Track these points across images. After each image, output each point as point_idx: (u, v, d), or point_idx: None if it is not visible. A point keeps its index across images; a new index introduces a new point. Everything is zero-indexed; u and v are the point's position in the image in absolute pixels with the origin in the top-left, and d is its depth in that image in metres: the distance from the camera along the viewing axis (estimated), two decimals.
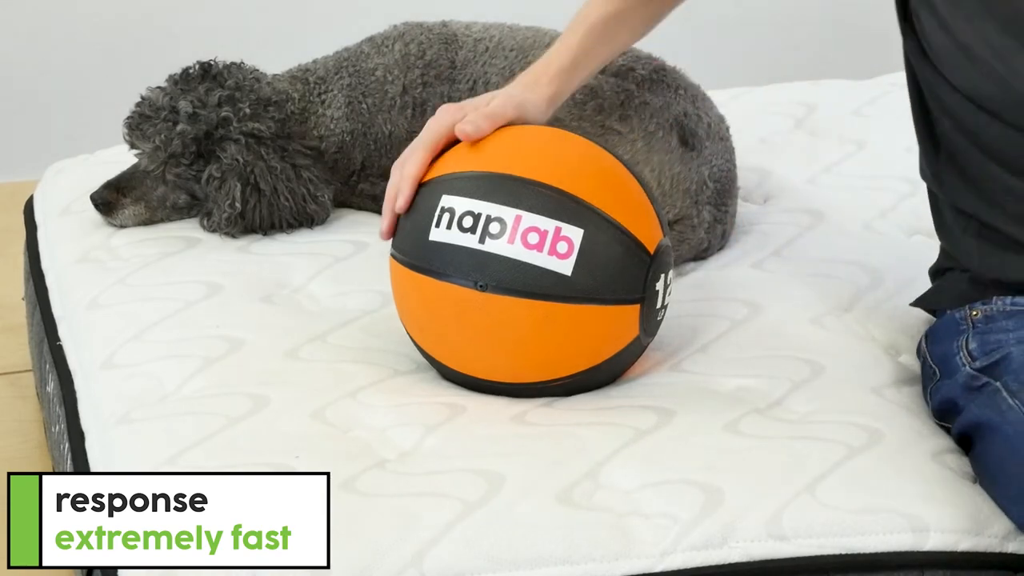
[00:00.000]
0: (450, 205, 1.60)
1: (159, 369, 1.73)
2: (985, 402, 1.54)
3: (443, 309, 1.62)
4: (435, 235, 1.60)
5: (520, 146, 1.64)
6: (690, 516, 1.47)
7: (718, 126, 2.06)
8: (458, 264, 1.59)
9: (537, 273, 1.57)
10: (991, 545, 1.49)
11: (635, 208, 1.63)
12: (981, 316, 1.63)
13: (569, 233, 1.57)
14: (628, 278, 1.61)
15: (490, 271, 1.58)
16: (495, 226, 1.58)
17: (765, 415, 1.62)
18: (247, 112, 2.06)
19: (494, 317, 1.59)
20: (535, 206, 1.58)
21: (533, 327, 1.60)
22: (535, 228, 1.57)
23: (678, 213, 1.97)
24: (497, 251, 1.57)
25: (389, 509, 1.47)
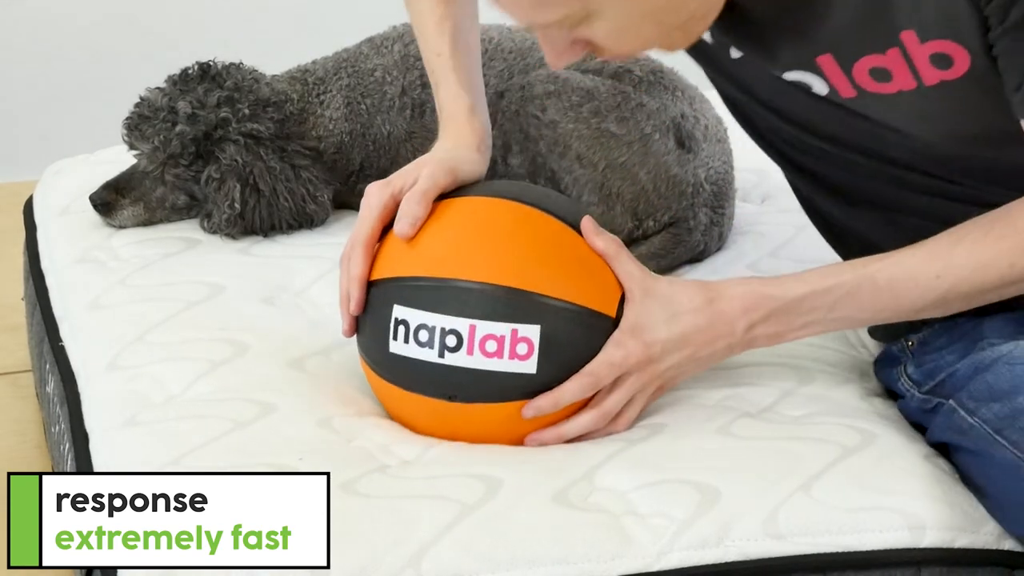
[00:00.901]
0: (403, 317, 1.56)
1: (164, 371, 1.73)
2: (944, 424, 1.55)
3: (417, 414, 1.62)
4: (394, 347, 1.57)
5: (460, 244, 1.59)
6: (686, 515, 1.47)
7: (715, 128, 2.06)
8: (423, 378, 1.57)
9: (502, 378, 1.55)
10: (987, 542, 1.49)
11: (588, 279, 1.58)
12: (916, 344, 1.65)
13: (526, 333, 1.54)
14: (595, 352, 1.58)
15: (455, 383, 1.56)
16: (451, 339, 1.54)
17: (757, 419, 1.62)
18: (246, 113, 2.06)
19: (467, 420, 1.59)
20: (487, 312, 1.54)
21: (507, 424, 1.59)
22: (491, 335, 1.54)
23: (674, 215, 1.97)
24: (458, 363, 1.55)
25: (388, 510, 1.47)
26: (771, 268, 1.95)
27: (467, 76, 1.73)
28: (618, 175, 1.97)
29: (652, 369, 1.57)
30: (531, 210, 1.60)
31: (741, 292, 1.57)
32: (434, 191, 1.61)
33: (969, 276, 1.50)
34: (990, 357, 1.53)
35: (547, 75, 2.03)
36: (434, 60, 1.74)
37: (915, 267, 1.52)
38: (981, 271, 1.50)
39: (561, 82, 2.01)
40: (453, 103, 1.72)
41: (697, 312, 1.56)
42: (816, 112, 1.58)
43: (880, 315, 1.56)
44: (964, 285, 1.51)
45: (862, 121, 1.55)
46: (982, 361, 1.53)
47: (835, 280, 1.54)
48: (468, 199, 1.62)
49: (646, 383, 1.58)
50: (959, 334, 1.60)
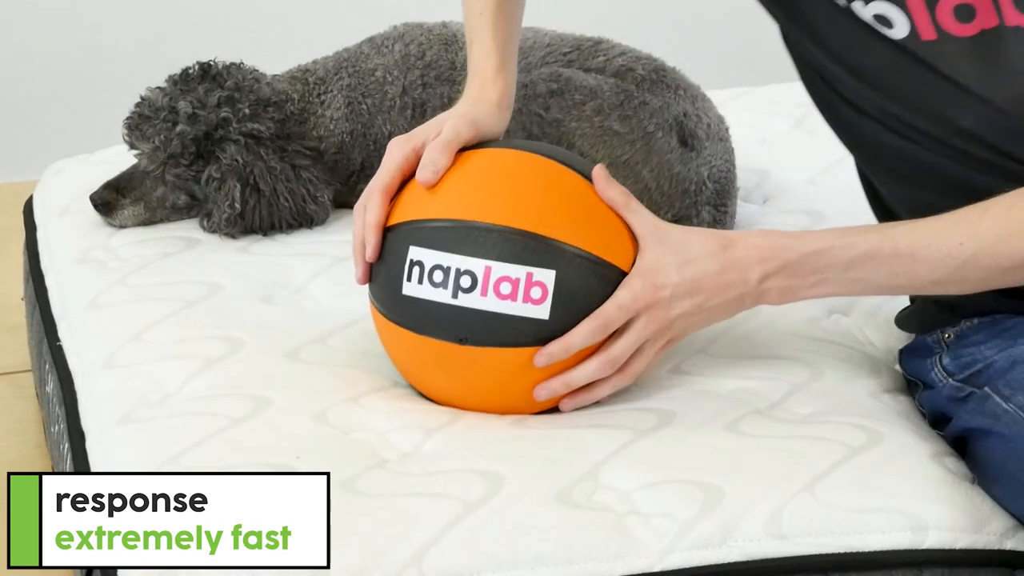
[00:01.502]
0: (418, 258, 1.57)
1: (160, 370, 1.73)
2: (976, 409, 1.54)
3: (425, 360, 1.62)
4: (408, 289, 1.58)
5: (481, 188, 1.60)
6: (689, 516, 1.47)
7: (718, 126, 2.06)
8: (435, 320, 1.57)
9: (514, 322, 1.55)
10: (989, 543, 1.49)
11: (605, 230, 1.59)
12: (953, 337, 1.64)
13: (541, 277, 1.55)
14: None
15: (467, 325, 1.56)
16: (466, 279, 1.55)
17: (765, 415, 1.62)
18: (246, 113, 2.06)
19: (477, 366, 1.59)
20: (503, 254, 1.55)
21: (517, 372, 1.59)
22: (506, 278, 1.55)
23: (677, 213, 1.97)
24: (471, 305, 1.55)
25: (389, 509, 1.47)
26: None
27: (503, 38, 1.73)
28: (621, 173, 1.97)
29: (662, 315, 1.56)
30: (551, 162, 1.62)
31: (758, 241, 1.55)
32: (456, 143, 1.62)
33: (991, 246, 1.49)
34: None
35: (550, 74, 2.03)
36: (475, 18, 1.74)
37: (939, 233, 1.51)
38: (1004, 242, 1.49)
39: (564, 80, 2.01)
40: (483, 60, 1.72)
41: (710, 257, 1.55)
42: (889, 64, 1.56)
43: (895, 281, 1.54)
44: (986, 256, 1.49)
45: (935, 77, 1.54)
46: (1021, 354, 1.54)
47: (855, 238, 1.53)
48: (489, 150, 1.64)
49: (655, 331, 1.57)
50: (999, 330, 1.60)
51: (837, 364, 1.72)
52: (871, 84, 1.59)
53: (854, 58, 1.59)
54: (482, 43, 1.73)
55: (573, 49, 2.10)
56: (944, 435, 1.61)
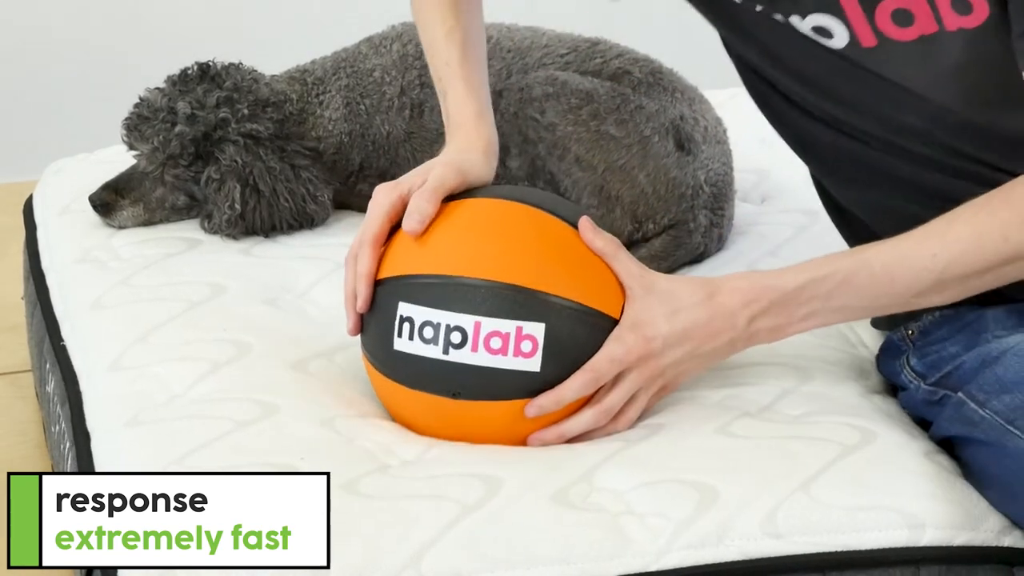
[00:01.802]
0: (408, 314, 1.57)
1: (167, 371, 1.73)
2: (953, 415, 1.55)
3: (418, 412, 1.62)
4: (399, 345, 1.58)
5: (468, 242, 1.59)
6: (685, 515, 1.47)
7: (715, 129, 2.06)
8: (427, 375, 1.57)
9: (506, 376, 1.55)
10: (986, 540, 1.50)
11: (593, 279, 1.59)
12: (917, 333, 1.64)
13: (531, 331, 1.54)
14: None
15: (459, 380, 1.56)
16: (456, 335, 1.55)
17: (756, 418, 1.62)
18: (245, 113, 2.06)
19: (470, 418, 1.59)
20: (492, 309, 1.55)
21: (510, 424, 1.59)
22: (496, 332, 1.54)
23: (674, 218, 1.97)
24: (463, 360, 1.55)
25: (388, 510, 1.47)
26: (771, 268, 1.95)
27: (475, 85, 1.73)
28: (617, 178, 1.97)
29: (653, 364, 1.57)
30: (537, 211, 1.61)
31: (741, 285, 1.57)
32: (443, 191, 1.61)
33: (965, 252, 1.50)
34: (998, 349, 1.53)
35: (545, 77, 2.03)
36: (442, 69, 1.75)
37: (911, 249, 1.52)
38: (976, 246, 1.49)
39: (560, 84, 2.01)
40: (460, 110, 1.72)
41: (698, 306, 1.56)
42: (833, 71, 1.57)
43: (878, 302, 1.56)
44: (960, 264, 1.50)
45: (879, 81, 1.55)
46: (989, 353, 1.54)
47: (832, 268, 1.54)
48: (475, 200, 1.63)
49: (647, 379, 1.58)
50: (961, 324, 1.60)
51: (826, 367, 1.73)
52: (816, 89, 1.61)
53: (797, 66, 1.61)
54: (455, 92, 1.72)
55: (570, 51, 2.10)
56: (930, 436, 1.61)
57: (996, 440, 1.47)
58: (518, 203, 1.62)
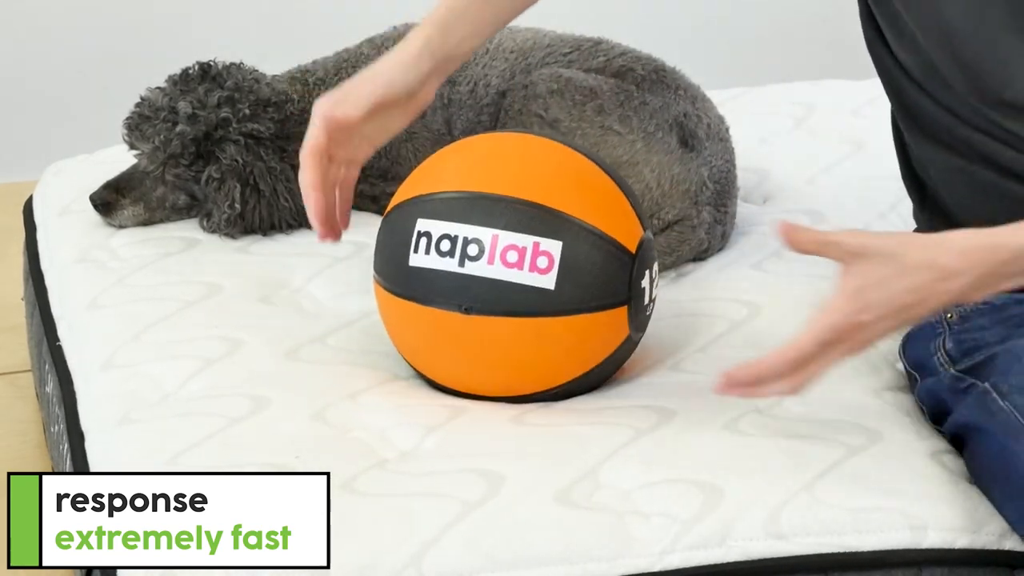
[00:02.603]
0: (426, 229, 1.59)
1: (159, 370, 1.73)
2: (973, 404, 1.54)
3: (430, 333, 1.63)
4: (414, 260, 1.59)
5: (490, 161, 1.63)
6: (689, 515, 1.47)
7: (718, 127, 2.06)
8: (440, 289, 1.58)
9: (520, 291, 1.57)
10: (988, 543, 1.50)
11: (612, 210, 1.62)
12: (956, 317, 1.63)
13: (548, 247, 1.57)
14: (612, 282, 1.61)
15: (472, 293, 1.57)
16: (473, 248, 1.57)
17: (764, 414, 1.62)
18: (246, 113, 2.06)
19: (481, 337, 1.59)
20: (511, 223, 1.57)
21: (521, 344, 1.60)
22: (513, 246, 1.57)
23: (678, 214, 1.97)
24: (478, 273, 1.57)
25: (389, 509, 1.47)
26: (776, 269, 1.95)
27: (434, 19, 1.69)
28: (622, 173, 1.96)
29: (861, 338, 1.47)
30: (559, 144, 1.64)
31: (965, 246, 1.46)
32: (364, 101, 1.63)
33: None
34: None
35: (550, 74, 2.03)
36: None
37: None
38: None
39: (564, 81, 2.01)
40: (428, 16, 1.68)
41: (917, 272, 1.45)
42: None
43: None
44: None
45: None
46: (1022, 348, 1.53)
47: None
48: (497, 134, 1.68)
49: (852, 352, 1.48)
50: (1004, 316, 1.59)
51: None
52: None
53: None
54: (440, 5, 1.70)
55: (573, 49, 2.10)
56: (943, 430, 1.60)
57: (1008, 434, 1.47)
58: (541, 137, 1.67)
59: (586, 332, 1.60)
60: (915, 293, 1.46)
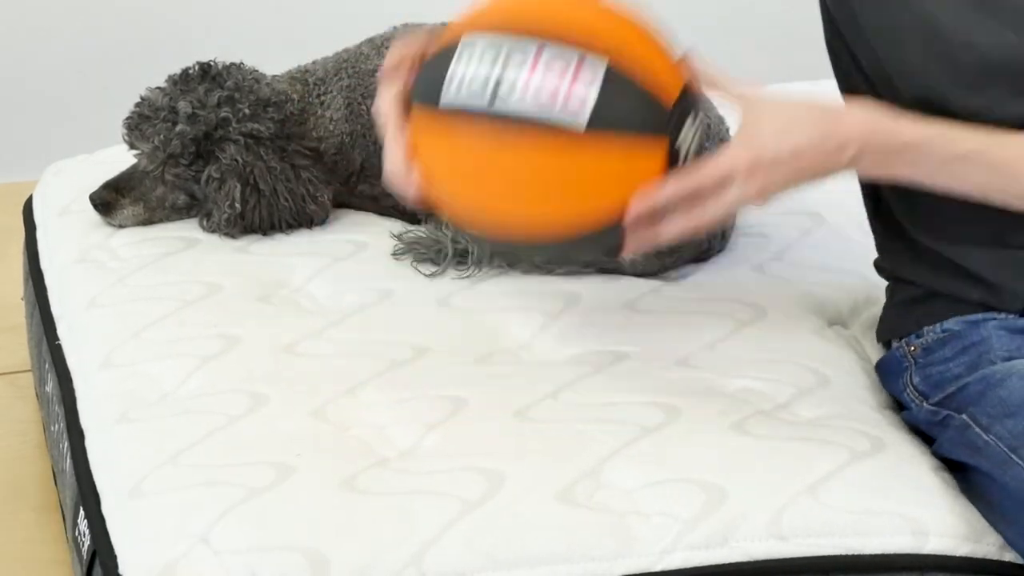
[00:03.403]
0: (472, 40, 1.50)
1: (158, 368, 1.73)
2: (955, 439, 1.54)
3: (466, 159, 1.52)
4: (454, 69, 1.50)
5: (540, 5, 1.54)
6: (691, 515, 1.47)
7: (718, 127, 2.06)
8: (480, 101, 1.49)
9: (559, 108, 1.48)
10: (988, 553, 1.50)
11: (655, 55, 1.55)
12: (919, 350, 1.64)
13: (592, 62, 1.48)
14: (656, 112, 1.52)
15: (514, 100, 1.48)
16: (517, 56, 1.48)
17: (771, 416, 1.62)
18: (246, 113, 2.06)
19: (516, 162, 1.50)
20: (558, 36, 1.48)
21: (556, 166, 1.49)
22: (558, 58, 1.47)
23: None
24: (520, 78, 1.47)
25: (389, 508, 1.47)
26: (776, 271, 1.95)
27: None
28: None
29: (758, 183, 1.51)
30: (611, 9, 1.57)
31: (864, 117, 1.52)
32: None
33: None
34: (1002, 371, 1.53)
35: None
36: None
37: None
38: None
39: None
40: None
41: (813, 127, 1.51)
42: None
43: (989, 186, 1.52)
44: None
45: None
46: (993, 375, 1.53)
47: (962, 134, 1.51)
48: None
49: (749, 197, 1.52)
50: (964, 345, 1.60)
51: (841, 375, 1.72)
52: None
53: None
54: None
55: None
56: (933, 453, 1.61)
57: (998, 468, 1.47)
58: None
59: (622, 158, 1.51)
60: (813, 149, 1.51)
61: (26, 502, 2.10)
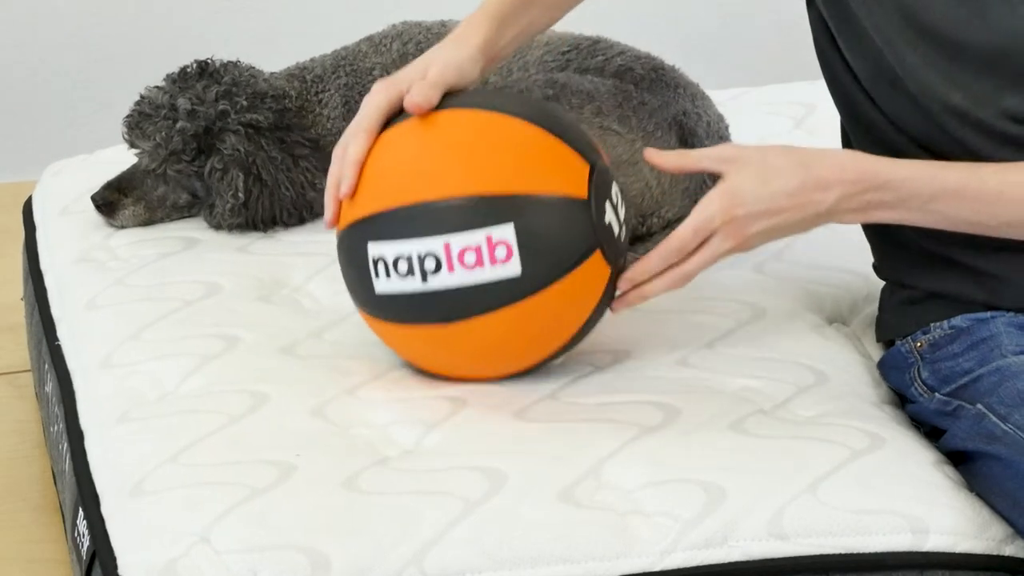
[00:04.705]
0: (379, 253, 1.57)
1: (158, 368, 1.73)
2: (970, 429, 1.54)
3: (417, 346, 1.63)
4: (379, 287, 1.58)
5: (418, 163, 1.59)
6: (691, 515, 1.47)
7: (717, 125, 2.06)
8: (413, 309, 1.57)
9: (490, 288, 1.55)
10: (989, 548, 1.50)
11: (550, 164, 1.58)
12: (926, 346, 1.64)
13: (502, 235, 1.54)
14: (576, 237, 1.57)
15: (445, 305, 1.56)
16: (430, 261, 1.54)
17: (770, 416, 1.62)
18: (244, 104, 2.06)
19: (468, 338, 1.59)
20: (458, 225, 1.54)
21: (511, 335, 1.59)
22: (468, 247, 1.54)
23: (678, 212, 1.97)
24: (443, 285, 1.55)
25: (391, 507, 1.47)
26: (775, 270, 1.95)
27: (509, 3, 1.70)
28: (621, 173, 1.96)
29: (738, 232, 1.54)
30: (477, 112, 1.61)
31: (843, 161, 1.54)
32: (444, 86, 1.61)
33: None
34: (1017, 364, 1.53)
35: (545, 80, 2.02)
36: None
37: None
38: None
39: (560, 87, 2.00)
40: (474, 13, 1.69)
41: (790, 176, 1.54)
42: None
43: (974, 218, 1.54)
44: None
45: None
46: (1009, 367, 1.54)
47: (941, 171, 1.53)
48: (413, 120, 1.61)
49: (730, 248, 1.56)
50: (974, 341, 1.60)
51: (840, 372, 1.72)
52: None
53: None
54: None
55: (571, 48, 2.10)
56: (938, 447, 1.60)
57: (1019, 455, 1.47)
58: (460, 109, 1.61)
59: (569, 293, 1.58)
60: (791, 197, 1.53)
61: (26, 502, 2.10)
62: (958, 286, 1.62)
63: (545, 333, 1.62)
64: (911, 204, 1.54)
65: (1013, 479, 1.48)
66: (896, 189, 1.53)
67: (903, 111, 1.60)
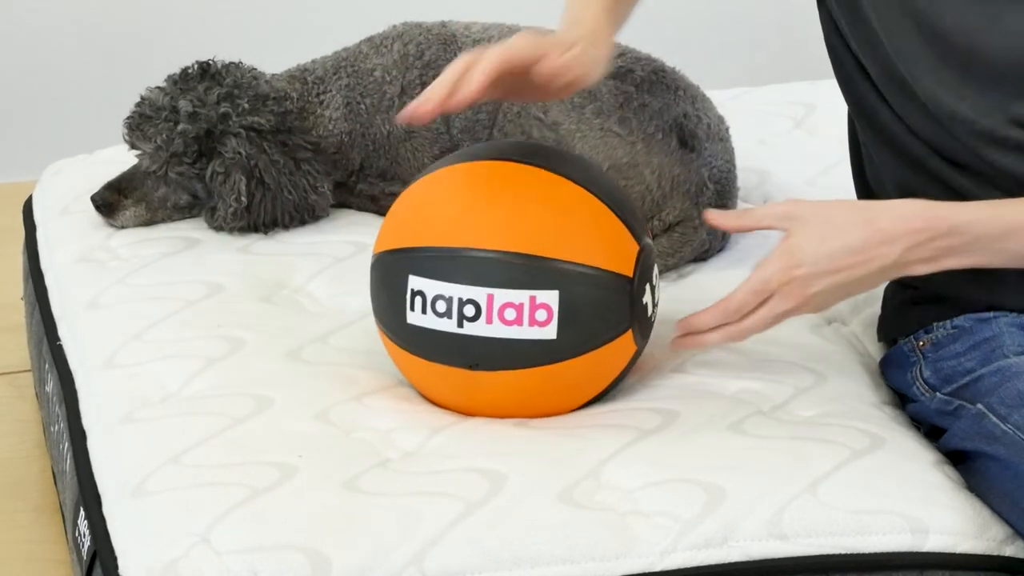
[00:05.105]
0: (419, 288, 1.56)
1: (161, 369, 1.73)
2: (970, 429, 1.54)
3: (437, 383, 1.63)
4: (412, 319, 1.57)
5: (473, 211, 1.58)
6: (691, 515, 1.47)
7: (717, 127, 2.06)
8: (442, 348, 1.57)
9: (523, 346, 1.55)
10: (989, 548, 1.50)
11: (604, 238, 1.59)
12: (929, 345, 1.64)
13: (545, 299, 1.54)
14: (614, 313, 1.59)
15: (475, 353, 1.56)
16: (469, 308, 1.54)
17: (769, 417, 1.63)
18: (246, 107, 2.06)
19: (490, 388, 1.59)
20: (504, 280, 1.54)
21: (531, 392, 1.59)
22: (510, 304, 1.54)
23: (679, 215, 1.97)
24: (477, 333, 1.55)
25: (391, 508, 1.47)
26: None
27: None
28: (622, 175, 1.96)
29: (797, 292, 1.53)
30: (543, 172, 1.60)
31: (907, 211, 1.52)
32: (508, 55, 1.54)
33: None
34: (1018, 364, 1.53)
35: None
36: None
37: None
38: None
39: None
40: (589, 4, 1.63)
41: (852, 232, 1.51)
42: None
43: None
44: None
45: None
46: (1010, 367, 1.54)
47: (1004, 210, 1.51)
48: (479, 163, 1.61)
49: (792, 308, 1.54)
50: (976, 341, 1.60)
51: (839, 373, 1.72)
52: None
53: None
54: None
55: None
56: (938, 446, 1.61)
57: (1017, 455, 1.47)
58: (526, 166, 1.60)
59: (594, 366, 1.59)
60: (854, 254, 1.51)
61: (26, 502, 2.10)
62: (961, 287, 1.62)
63: (563, 395, 1.63)
64: (980, 246, 1.52)
65: (1012, 479, 1.48)
66: (962, 233, 1.51)
67: (912, 115, 1.60)
